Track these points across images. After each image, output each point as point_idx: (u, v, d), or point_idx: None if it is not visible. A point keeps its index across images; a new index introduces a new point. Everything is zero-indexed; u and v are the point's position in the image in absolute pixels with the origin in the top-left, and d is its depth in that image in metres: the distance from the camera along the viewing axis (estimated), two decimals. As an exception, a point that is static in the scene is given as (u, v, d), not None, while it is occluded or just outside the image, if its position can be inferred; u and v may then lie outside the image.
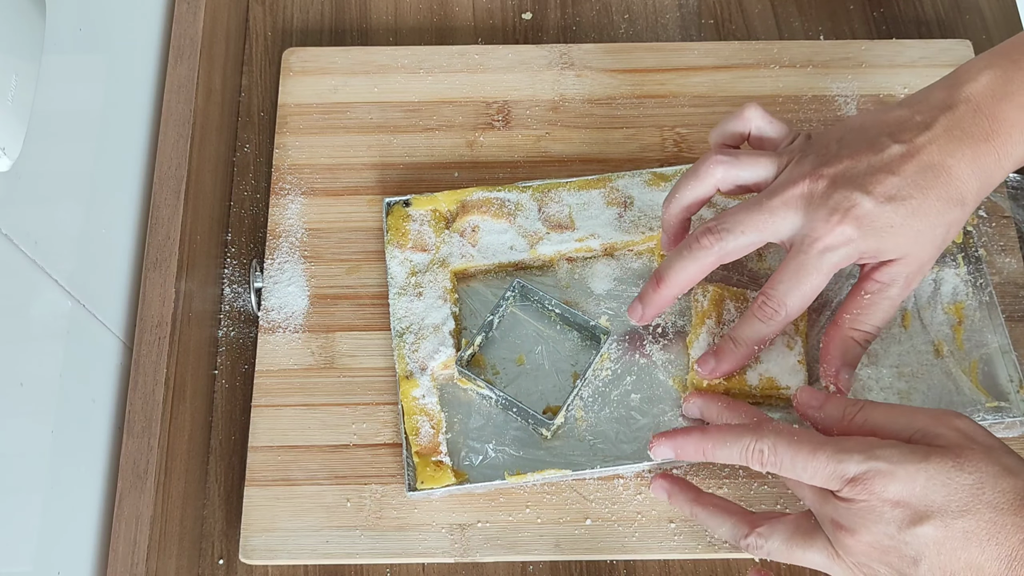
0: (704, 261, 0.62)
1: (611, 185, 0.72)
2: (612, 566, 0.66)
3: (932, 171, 0.58)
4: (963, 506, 0.50)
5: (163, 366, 0.62)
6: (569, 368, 0.68)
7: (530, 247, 0.71)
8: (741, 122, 0.65)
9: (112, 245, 0.64)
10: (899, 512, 0.51)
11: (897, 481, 0.51)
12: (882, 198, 0.58)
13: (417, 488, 0.64)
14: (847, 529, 0.53)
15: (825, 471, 0.53)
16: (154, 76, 0.71)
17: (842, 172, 0.59)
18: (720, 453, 0.58)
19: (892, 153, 0.59)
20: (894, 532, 0.51)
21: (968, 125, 0.59)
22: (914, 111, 0.60)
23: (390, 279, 0.70)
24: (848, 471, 0.52)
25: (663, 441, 0.61)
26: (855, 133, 0.61)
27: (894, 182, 0.58)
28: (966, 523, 0.50)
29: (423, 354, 0.68)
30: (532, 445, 0.66)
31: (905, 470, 0.51)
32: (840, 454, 0.53)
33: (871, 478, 0.52)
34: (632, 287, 0.70)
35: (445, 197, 0.72)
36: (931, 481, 0.51)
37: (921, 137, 0.59)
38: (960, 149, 0.59)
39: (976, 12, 0.84)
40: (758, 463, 0.56)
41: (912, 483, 0.51)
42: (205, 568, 0.67)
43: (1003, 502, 0.50)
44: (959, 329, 0.69)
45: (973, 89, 0.59)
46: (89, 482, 0.60)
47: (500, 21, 0.84)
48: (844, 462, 0.52)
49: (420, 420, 0.66)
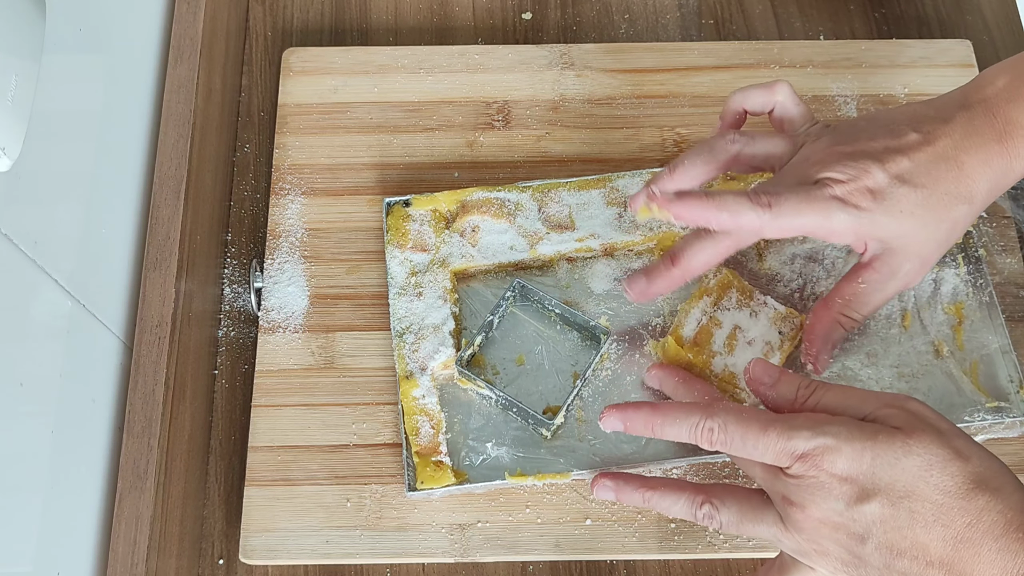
0: (722, 244, 0.61)
1: (611, 185, 0.72)
2: (612, 566, 0.66)
3: (945, 163, 0.59)
4: (909, 487, 0.51)
5: (163, 366, 0.62)
6: (569, 368, 0.68)
7: (530, 247, 0.71)
8: (769, 94, 0.65)
9: (112, 245, 0.64)
10: (847, 488, 0.51)
11: (844, 457, 0.51)
12: (895, 177, 0.58)
13: (417, 488, 0.64)
14: (797, 505, 0.53)
15: (775, 448, 0.53)
16: (154, 76, 0.71)
17: (859, 149, 0.59)
18: (669, 430, 0.57)
19: (909, 139, 0.59)
20: (842, 508, 0.52)
21: (982, 125, 0.59)
22: (932, 107, 0.61)
23: (390, 279, 0.70)
24: (797, 447, 0.52)
25: (614, 413, 0.60)
26: (874, 122, 0.61)
27: (907, 165, 0.59)
28: (912, 504, 0.50)
29: (423, 354, 0.68)
30: (532, 445, 0.66)
31: (852, 447, 0.51)
32: (789, 431, 0.53)
33: (819, 454, 0.52)
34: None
35: (445, 197, 0.72)
36: (878, 459, 0.51)
37: (938, 129, 0.60)
38: (974, 146, 0.59)
39: (976, 12, 0.84)
40: (707, 442, 0.55)
41: (859, 460, 0.51)
42: (205, 568, 0.67)
43: (951, 485, 0.50)
44: (959, 329, 0.69)
45: (990, 91, 0.60)
46: (89, 482, 0.60)
47: (500, 21, 0.84)
48: (793, 439, 0.52)
49: (420, 420, 0.66)
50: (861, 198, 0.58)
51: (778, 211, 0.58)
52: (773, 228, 0.59)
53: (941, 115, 0.60)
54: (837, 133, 0.62)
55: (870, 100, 0.77)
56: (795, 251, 0.71)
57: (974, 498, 0.50)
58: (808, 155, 0.61)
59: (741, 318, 0.67)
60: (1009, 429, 0.66)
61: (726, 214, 0.59)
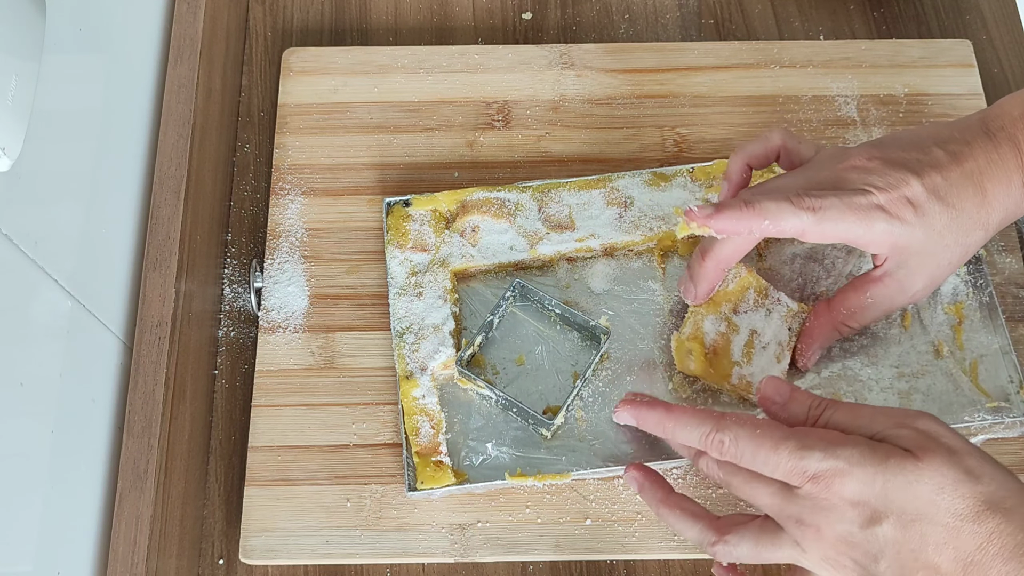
0: (751, 222, 0.61)
1: (611, 185, 0.72)
2: (612, 566, 0.66)
3: (972, 185, 0.59)
4: (920, 510, 0.50)
5: (163, 366, 0.62)
6: (569, 368, 0.68)
7: (530, 247, 0.71)
8: (768, 144, 0.65)
9: (112, 245, 0.64)
10: (858, 512, 0.51)
11: (855, 481, 0.51)
12: (931, 191, 0.58)
13: (417, 488, 0.64)
14: (811, 527, 0.53)
15: (786, 466, 0.53)
16: (154, 76, 0.71)
17: (897, 158, 0.59)
18: (680, 433, 0.57)
19: (937, 156, 0.59)
20: (855, 530, 0.52)
21: (1006, 154, 0.60)
22: (953, 128, 0.62)
23: (390, 279, 0.70)
24: (808, 467, 0.52)
25: (628, 408, 0.60)
26: (898, 139, 0.62)
27: (940, 181, 0.59)
28: (923, 527, 0.50)
29: (423, 354, 0.68)
30: (532, 445, 0.66)
31: (864, 471, 0.51)
32: (802, 450, 0.52)
33: (831, 476, 0.52)
34: (632, 287, 0.70)
35: (445, 197, 0.72)
36: (889, 484, 0.51)
37: (963, 150, 0.60)
38: (996, 175, 0.59)
39: (976, 12, 0.84)
40: (717, 451, 0.55)
41: (871, 485, 0.51)
42: (205, 568, 0.67)
43: (962, 508, 0.50)
44: (959, 329, 0.69)
45: (1008, 121, 0.60)
46: (89, 482, 0.60)
47: (500, 21, 0.84)
48: (805, 458, 0.52)
49: (420, 420, 0.66)
50: (903, 209, 0.58)
51: (822, 216, 0.58)
52: (815, 232, 0.59)
53: (964, 137, 0.60)
54: (870, 146, 0.62)
55: (870, 100, 0.77)
56: (795, 251, 0.71)
57: (984, 521, 0.50)
58: (841, 160, 0.61)
59: (757, 320, 0.66)
60: (1009, 429, 0.66)
61: (768, 221, 0.59)
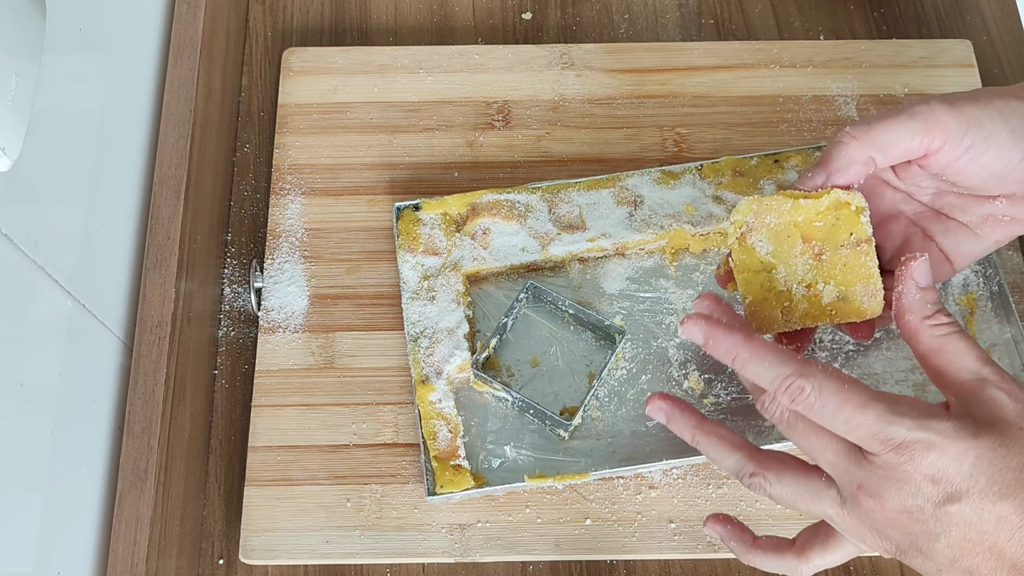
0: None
1: (620, 184, 0.72)
2: (612, 566, 0.66)
3: None
4: (1004, 490, 0.48)
5: (163, 366, 0.62)
6: (584, 368, 0.68)
7: (542, 248, 0.71)
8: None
9: (112, 245, 0.64)
10: (936, 489, 0.48)
11: (946, 457, 0.48)
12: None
13: (437, 492, 0.64)
14: (873, 495, 0.49)
15: (870, 429, 0.49)
16: (154, 76, 0.71)
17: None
18: (752, 368, 0.50)
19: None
20: (927, 507, 0.48)
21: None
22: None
23: (402, 284, 0.70)
24: (896, 435, 0.48)
25: (700, 323, 0.52)
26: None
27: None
28: (1003, 508, 0.47)
29: (438, 358, 0.68)
30: (550, 446, 0.66)
31: (956, 447, 0.48)
32: (891, 415, 0.48)
33: (917, 449, 0.48)
34: (644, 286, 0.70)
35: (455, 200, 0.72)
36: (980, 460, 0.48)
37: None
38: None
39: (976, 12, 0.84)
40: (789, 399, 0.49)
41: (960, 461, 0.48)
42: (205, 568, 0.67)
43: None
44: (971, 320, 0.69)
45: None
46: (89, 482, 0.60)
47: (500, 21, 0.84)
48: (894, 424, 0.48)
49: (438, 424, 0.66)
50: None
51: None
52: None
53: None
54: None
55: (870, 100, 0.77)
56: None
57: None
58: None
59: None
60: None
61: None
